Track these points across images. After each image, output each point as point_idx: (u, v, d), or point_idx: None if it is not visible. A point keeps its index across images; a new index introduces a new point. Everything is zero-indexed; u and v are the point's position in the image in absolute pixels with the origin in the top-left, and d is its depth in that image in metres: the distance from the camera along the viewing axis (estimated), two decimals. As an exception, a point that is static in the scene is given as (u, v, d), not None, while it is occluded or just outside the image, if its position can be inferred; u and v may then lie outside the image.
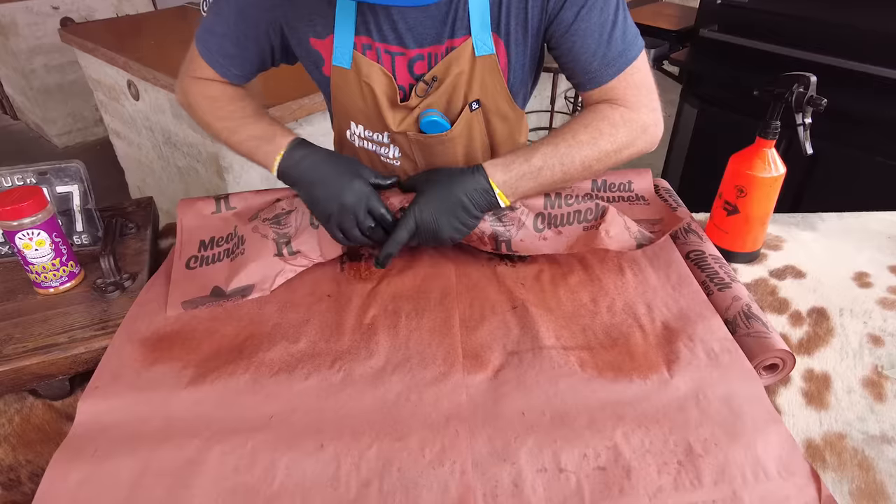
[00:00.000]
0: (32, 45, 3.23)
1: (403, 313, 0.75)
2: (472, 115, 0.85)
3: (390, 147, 0.90)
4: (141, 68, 1.83)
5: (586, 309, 0.75)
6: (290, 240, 0.81)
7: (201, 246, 0.85)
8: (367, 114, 0.86)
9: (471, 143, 0.90)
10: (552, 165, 0.78)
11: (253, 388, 0.65)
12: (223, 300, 0.77)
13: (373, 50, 0.81)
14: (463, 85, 0.82)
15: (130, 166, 2.51)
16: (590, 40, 0.77)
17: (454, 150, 0.89)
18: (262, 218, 0.83)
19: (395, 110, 0.84)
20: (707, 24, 2.05)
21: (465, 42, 0.79)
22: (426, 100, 0.83)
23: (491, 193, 0.77)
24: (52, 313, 0.75)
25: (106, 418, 0.62)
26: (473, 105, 0.84)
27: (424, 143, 0.87)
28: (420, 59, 0.81)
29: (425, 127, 0.84)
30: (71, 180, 0.83)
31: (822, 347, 0.78)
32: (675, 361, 0.67)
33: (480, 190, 0.76)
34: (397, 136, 0.87)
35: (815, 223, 1.04)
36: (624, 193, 0.92)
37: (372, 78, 0.81)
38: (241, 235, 0.82)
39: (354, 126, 0.90)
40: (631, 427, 0.60)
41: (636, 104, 0.80)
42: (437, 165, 0.89)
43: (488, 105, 0.86)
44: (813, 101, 0.78)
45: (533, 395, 0.63)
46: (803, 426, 0.68)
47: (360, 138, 0.91)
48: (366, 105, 0.85)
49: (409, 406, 0.62)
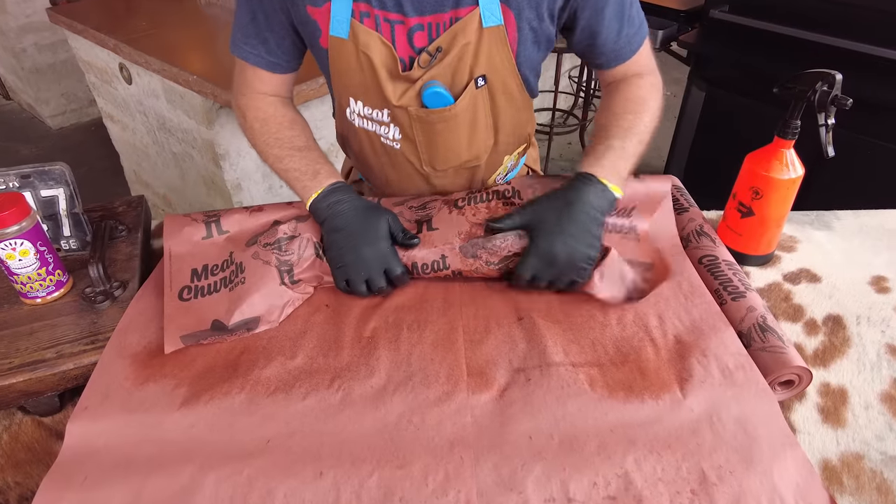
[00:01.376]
0: (22, 24, 3.14)
1: (405, 325, 0.73)
2: (477, 92, 0.81)
3: (390, 126, 0.85)
4: (133, 52, 1.77)
5: (596, 321, 0.72)
6: (293, 267, 0.76)
7: (193, 275, 0.78)
8: (366, 88, 0.82)
9: (475, 123, 0.85)
10: (633, 143, 0.81)
11: (249, 409, 0.62)
12: (227, 335, 0.71)
13: (371, 18, 0.76)
14: (469, 57, 0.78)
15: (125, 150, 2.46)
16: (611, 19, 0.79)
17: (457, 130, 0.84)
18: (263, 243, 0.78)
19: (396, 82, 0.80)
20: (717, 5, 1.97)
21: (471, 12, 0.75)
22: (429, 72, 0.78)
23: (606, 189, 0.77)
24: (39, 325, 0.72)
25: (96, 442, 0.60)
26: (479, 81, 0.80)
27: (426, 121, 0.82)
28: (420, 28, 0.77)
29: (427, 99, 0.79)
30: (56, 183, 0.80)
31: (839, 359, 0.76)
32: (688, 380, 0.65)
33: (598, 192, 0.76)
34: (398, 113, 0.82)
35: (831, 222, 1.01)
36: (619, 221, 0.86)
37: (371, 48, 0.77)
38: (239, 262, 0.77)
39: (354, 103, 0.85)
40: (643, 453, 0.58)
41: (649, 68, 0.88)
42: (438, 147, 0.86)
43: (495, 82, 0.82)
44: (837, 100, 0.74)
45: (540, 417, 0.61)
46: (819, 445, 0.66)
47: (360, 117, 0.87)
48: (364, 78, 0.80)
49: (411, 429, 0.60)
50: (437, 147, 0.86)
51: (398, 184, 0.96)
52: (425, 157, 0.88)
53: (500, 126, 0.89)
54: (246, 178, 1.84)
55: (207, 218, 0.84)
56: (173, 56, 1.70)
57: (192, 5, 2.22)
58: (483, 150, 0.90)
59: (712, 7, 1.97)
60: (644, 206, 0.86)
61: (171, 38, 1.87)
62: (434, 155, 0.88)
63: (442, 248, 0.78)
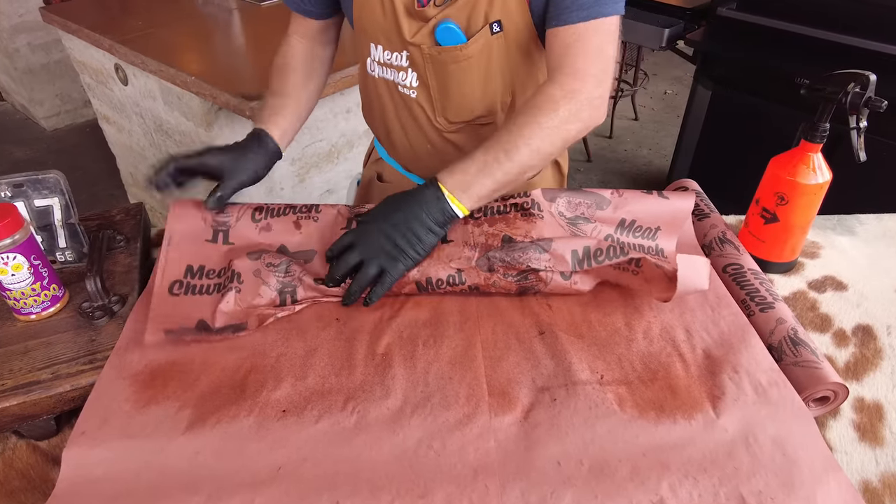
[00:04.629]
0: (15, 23, 3.09)
1: (420, 340, 0.69)
2: (492, 38, 0.81)
3: (408, 72, 0.87)
4: (128, 52, 1.73)
5: (621, 335, 0.69)
6: (296, 289, 0.74)
7: (188, 272, 0.76)
8: (385, 28, 0.85)
9: (489, 70, 0.85)
10: (496, 157, 0.74)
11: (258, 434, 0.59)
12: (211, 335, 0.69)
13: None
14: (484, 1, 0.78)
15: (121, 152, 2.41)
16: None
17: (471, 74, 0.84)
18: (267, 262, 0.75)
19: (412, 19, 0.82)
20: (724, 3, 1.94)
21: None
22: (444, 11, 0.80)
23: (442, 198, 0.73)
24: (34, 343, 0.68)
25: (95, 471, 0.56)
26: (494, 27, 0.80)
27: (439, 60, 0.83)
28: None
29: (440, 35, 0.81)
30: (50, 193, 0.76)
31: (871, 371, 0.73)
32: (720, 398, 0.61)
33: (432, 199, 0.73)
34: (413, 52, 0.84)
35: (853, 226, 0.98)
36: (645, 242, 0.82)
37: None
38: (238, 273, 0.74)
39: (374, 49, 0.89)
40: (677, 477, 0.54)
41: (584, 73, 0.75)
42: (452, 93, 0.87)
43: (510, 31, 0.81)
44: (871, 102, 0.70)
45: (568, 441, 0.57)
46: (858, 466, 0.63)
47: (380, 64, 0.90)
48: (385, 17, 0.83)
49: (431, 456, 0.56)
50: (451, 94, 0.87)
51: (415, 142, 0.96)
52: (439, 105, 0.89)
53: (517, 80, 0.88)
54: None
55: (217, 225, 0.82)
56: (170, 56, 1.65)
57: (189, 4, 2.17)
58: (498, 105, 0.90)
59: (719, 5, 1.94)
60: (668, 226, 0.82)
61: (167, 37, 1.83)
62: (447, 104, 0.88)
63: (458, 262, 0.75)
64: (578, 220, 0.80)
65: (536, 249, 0.73)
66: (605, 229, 0.81)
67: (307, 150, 1.83)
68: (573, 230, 0.79)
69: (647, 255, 0.74)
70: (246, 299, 0.72)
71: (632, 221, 0.81)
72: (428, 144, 0.95)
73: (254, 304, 0.72)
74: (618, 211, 0.81)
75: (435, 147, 0.95)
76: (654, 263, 0.70)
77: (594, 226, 0.80)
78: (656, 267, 0.69)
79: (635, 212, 0.81)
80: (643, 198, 0.81)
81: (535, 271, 0.73)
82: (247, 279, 0.74)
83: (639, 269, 0.72)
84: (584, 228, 0.80)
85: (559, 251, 0.73)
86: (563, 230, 0.79)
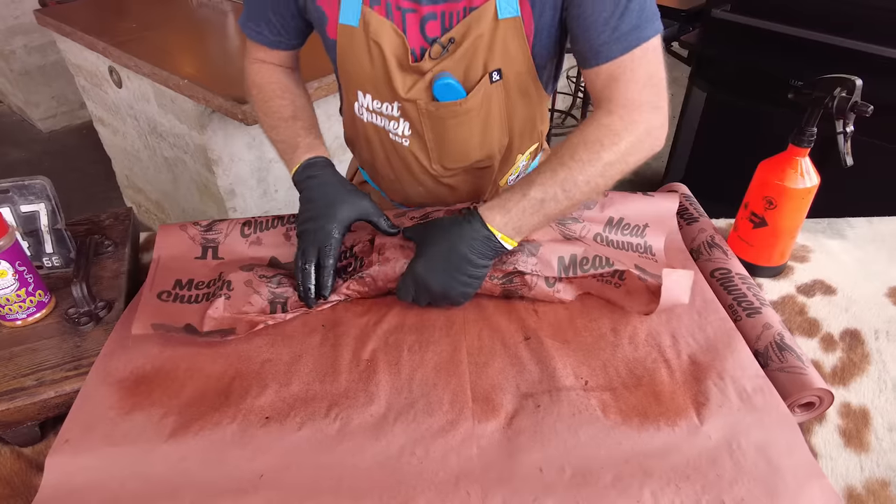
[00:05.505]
0: (10, 25, 3.08)
1: (406, 346, 0.69)
2: (492, 87, 0.77)
3: (399, 121, 0.82)
4: (122, 55, 1.73)
5: (606, 341, 0.69)
6: (287, 300, 0.74)
7: (177, 285, 0.76)
8: (374, 80, 0.78)
9: (488, 121, 0.81)
10: (554, 195, 0.70)
11: (241, 441, 0.59)
12: (197, 337, 0.69)
13: (381, 5, 0.73)
14: (483, 50, 0.73)
15: (117, 155, 2.41)
16: (601, 7, 0.68)
17: (469, 127, 0.80)
18: (259, 274, 0.75)
19: (406, 74, 0.76)
20: (719, 4, 1.94)
21: (486, 2, 0.71)
22: (441, 63, 0.74)
23: (493, 239, 0.70)
24: (19, 349, 0.68)
25: (77, 478, 0.56)
26: (494, 76, 0.76)
27: (436, 116, 0.78)
28: (433, 17, 0.73)
29: (438, 91, 0.75)
30: (37, 198, 0.76)
31: (858, 377, 0.73)
32: (704, 404, 0.61)
33: (481, 238, 0.69)
34: (407, 107, 0.79)
35: (844, 230, 0.97)
36: (634, 240, 0.82)
37: (381, 36, 0.73)
38: (228, 281, 0.74)
39: (362, 96, 0.82)
40: (660, 485, 0.54)
41: (638, 102, 0.71)
42: (448, 144, 0.82)
43: (510, 77, 0.78)
44: (857, 107, 0.70)
45: (551, 447, 0.57)
46: (843, 471, 0.63)
47: (369, 111, 0.84)
48: (374, 69, 0.77)
49: (414, 462, 0.56)
50: (448, 144, 0.83)
51: (406, 185, 0.92)
52: (434, 154, 0.85)
53: (514, 123, 0.85)
54: (240, 184, 1.80)
55: (206, 242, 0.82)
56: (163, 59, 1.65)
57: (184, 6, 2.17)
58: (497, 150, 0.86)
59: (714, 6, 1.94)
60: (655, 223, 0.82)
61: (161, 40, 1.83)
62: (444, 153, 0.84)
63: None
64: (567, 220, 0.81)
65: (524, 252, 0.73)
66: (595, 228, 0.81)
67: (301, 153, 1.82)
68: (562, 230, 0.80)
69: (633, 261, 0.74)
70: (236, 305, 0.72)
71: (619, 219, 0.82)
72: (420, 187, 0.92)
73: (243, 311, 0.72)
74: (605, 210, 0.82)
75: (427, 190, 0.92)
76: (637, 276, 0.70)
77: (583, 225, 0.81)
78: (639, 280, 0.70)
79: (622, 210, 0.81)
80: (628, 197, 0.82)
81: (521, 274, 0.73)
82: (237, 287, 0.74)
83: (622, 282, 0.73)
84: (573, 228, 0.80)
85: (546, 256, 0.73)
86: (553, 230, 0.79)
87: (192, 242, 0.82)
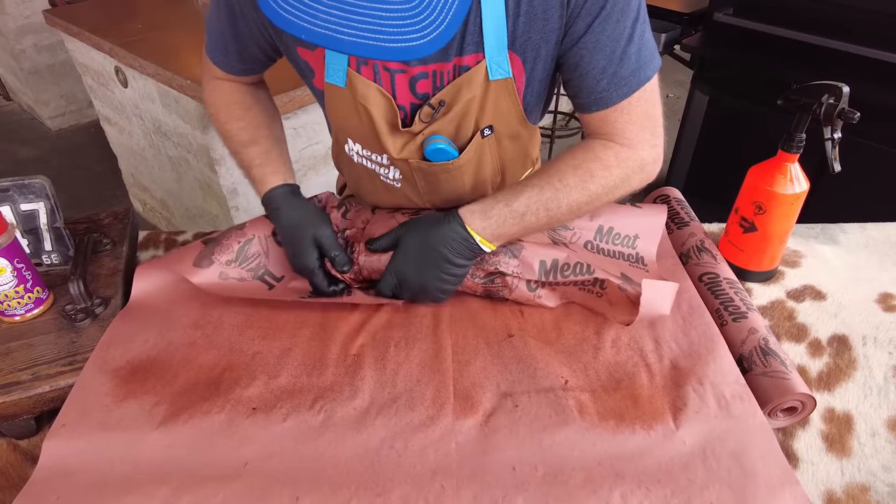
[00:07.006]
0: (21, 25, 3.13)
1: (392, 343, 0.70)
2: (483, 141, 0.76)
3: (390, 169, 0.81)
4: (127, 55, 1.75)
5: (589, 343, 0.70)
6: (268, 266, 0.77)
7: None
8: (364, 136, 0.78)
9: (480, 169, 0.81)
10: (536, 210, 0.71)
11: (228, 430, 0.60)
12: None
13: (369, 66, 0.71)
14: (474, 111, 0.73)
15: (123, 154, 2.44)
16: (600, 56, 0.67)
17: (461, 178, 0.80)
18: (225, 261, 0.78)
19: (396, 136, 0.75)
20: (721, 8, 1.94)
21: (477, 64, 0.69)
22: (432, 126, 0.73)
23: (472, 241, 0.70)
24: (16, 345, 0.70)
25: (72, 461, 0.58)
26: (486, 132, 0.75)
27: (428, 171, 0.78)
28: (423, 76, 0.71)
29: (430, 155, 0.75)
30: (36, 197, 0.78)
31: (844, 382, 0.73)
32: (682, 409, 0.62)
33: (459, 239, 0.70)
34: (398, 163, 0.78)
35: (836, 235, 0.98)
36: (625, 250, 0.82)
37: (369, 100, 0.71)
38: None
39: (352, 143, 0.81)
40: (630, 487, 0.55)
41: (635, 141, 0.72)
42: (441, 192, 0.82)
43: (501, 129, 0.77)
44: (844, 114, 0.71)
45: (525, 446, 0.58)
46: (823, 476, 0.63)
47: (359, 156, 0.83)
48: (363, 127, 0.76)
49: (393, 455, 0.57)
50: (440, 191, 0.82)
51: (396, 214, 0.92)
52: (427, 197, 0.84)
53: (506, 164, 0.85)
54: (242, 183, 1.82)
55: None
56: (168, 60, 1.67)
57: (190, 7, 2.20)
58: (489, 188, 0.86)
59: (716, 10, 1.94)
60: (646, 234, 0.82)
61: (166, 41, 1.85)
62: (436, 197, 0.84)
63: None
64: (558, 227, 0.81)
65: (506, 254, 0.74)
66: (585, 234, 0.82)
67: (303, 153, 1.84)
68: (553, 236, 0.81)
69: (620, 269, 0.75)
70: None
71: (609, 228, 0.82)
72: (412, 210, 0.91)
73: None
74: (595, 219, 0.82)
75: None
76: (617, 286, 0.71)
77: (574, 231, 0.81)
78: (619, 290, 0.70)
79: (611, 220, 0.82)
80: (617, 209, 0.82)
81: (503, 275, 0.74)
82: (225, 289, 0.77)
83: (603, 292, 0.73)
84: (564, 234, 0.81)
85: (528, 259, 0.74)
86: (544, 236, 0.80)
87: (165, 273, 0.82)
